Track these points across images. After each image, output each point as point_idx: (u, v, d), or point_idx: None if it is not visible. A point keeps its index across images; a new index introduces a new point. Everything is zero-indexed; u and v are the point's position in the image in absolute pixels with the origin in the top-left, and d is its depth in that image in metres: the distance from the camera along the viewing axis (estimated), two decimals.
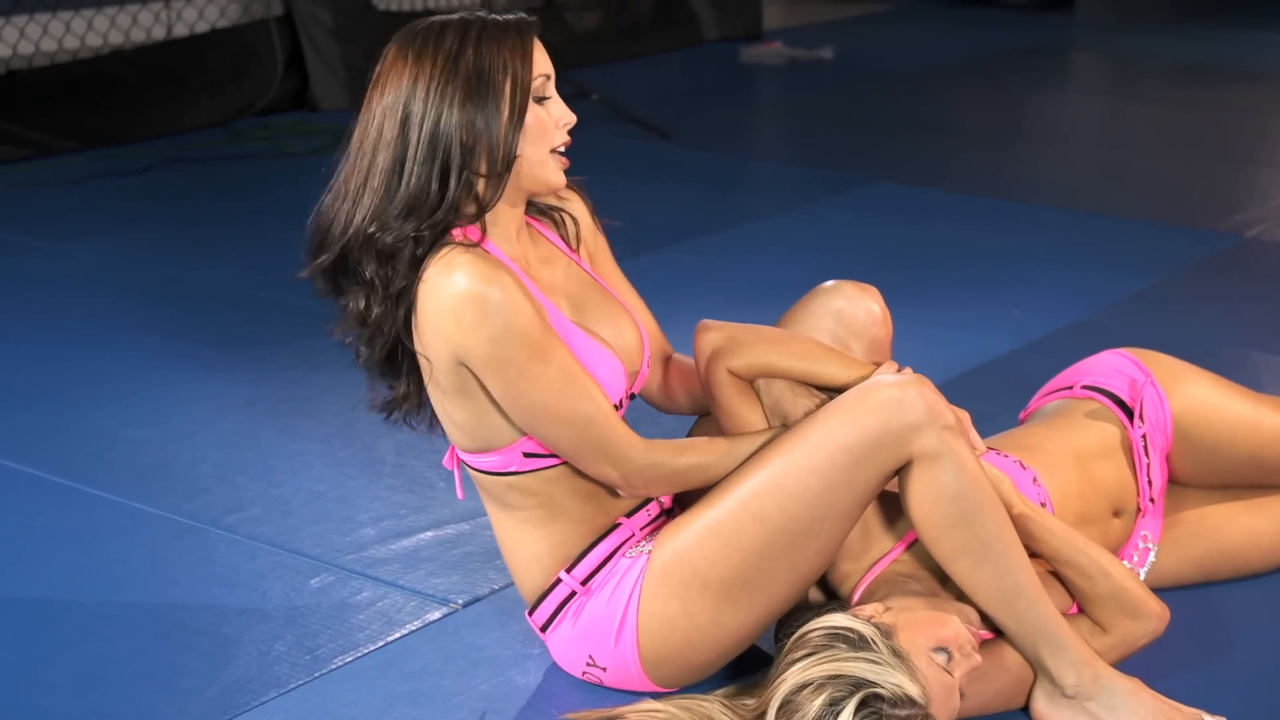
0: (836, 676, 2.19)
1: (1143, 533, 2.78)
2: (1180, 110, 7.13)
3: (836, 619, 2.27)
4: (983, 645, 2.40)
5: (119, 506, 3.16)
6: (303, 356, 3.93)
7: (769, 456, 2.36)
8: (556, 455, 2.38)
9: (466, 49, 2.27)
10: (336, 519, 3.12)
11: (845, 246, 4.95)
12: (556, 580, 2.46)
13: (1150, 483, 2.76)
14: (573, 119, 2.36)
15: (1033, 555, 2.45)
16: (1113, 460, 2.74)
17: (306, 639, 2.68)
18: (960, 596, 2.42)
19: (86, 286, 4.48)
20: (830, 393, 2.43)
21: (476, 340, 2.26)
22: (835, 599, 2.52)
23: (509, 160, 2.29)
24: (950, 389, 2.52)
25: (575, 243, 2.54)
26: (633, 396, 2.53)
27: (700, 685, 2.46)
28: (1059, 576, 2.52)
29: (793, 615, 2.42)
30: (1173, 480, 2.86)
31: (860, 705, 2.17)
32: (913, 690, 2.20)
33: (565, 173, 2.38)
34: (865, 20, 9.45)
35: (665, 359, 2.65)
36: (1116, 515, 2.74)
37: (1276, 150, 6.61)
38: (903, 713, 2.19)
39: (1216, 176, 5.93)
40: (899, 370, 2.41)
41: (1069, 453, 2.71)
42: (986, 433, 2.72)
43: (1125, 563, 2.69)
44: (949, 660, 2.28)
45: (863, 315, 2.52)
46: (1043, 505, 2.59)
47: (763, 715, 2.24)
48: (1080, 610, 2.53)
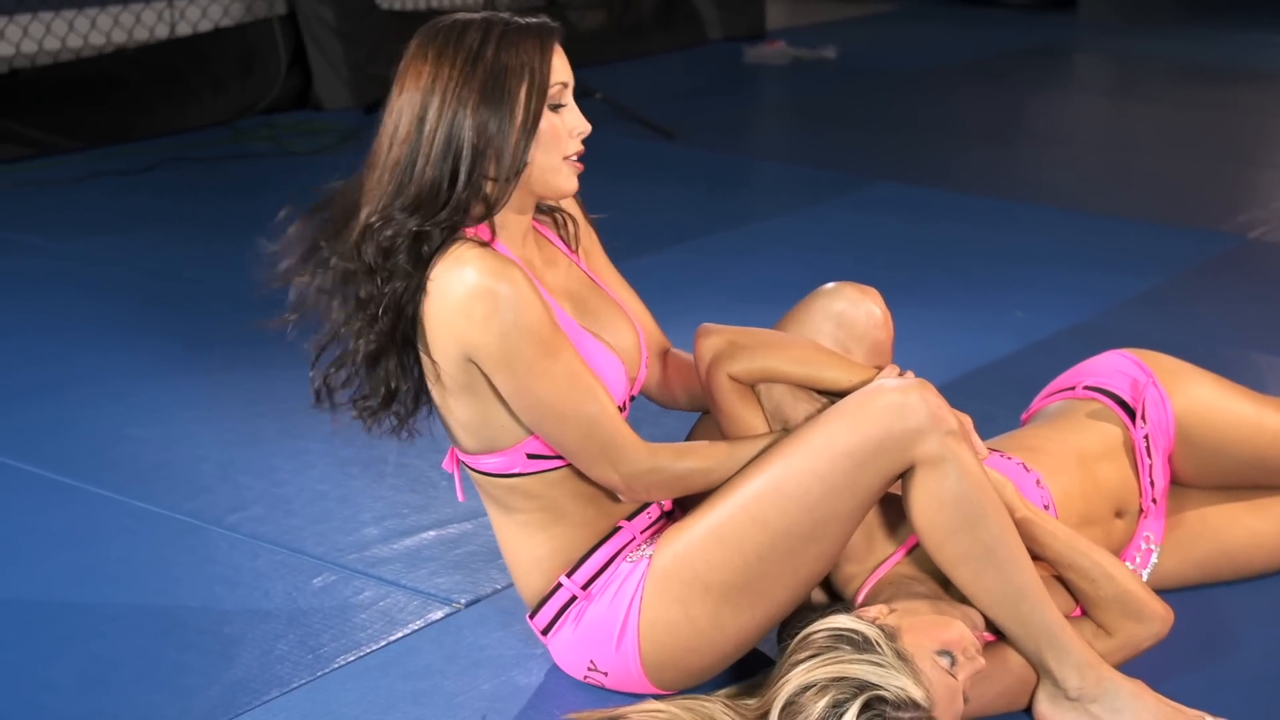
0: (840, 679, 2.19)
1: (1145, 534, 2.78)
2: (1183, 111, 7.12)
3: (841, 620, 2.27)
4: (985, 647, 2.40)
5: (121, 505, 3.16)
6: (305, 356, 3.90)
7: (771, 461, 2.35)
8: (559, 457, 2.38)
9: (486, 51, 2.26)
10: (339, 518, 3.12)
11: (848, 246, 4.95)
12: (557, 584, 2.45)
13: (1153, 483, 2.76)
14: (587, 128, 2.35)
15: (1035, 559, 2.45)
16: (1115, 461, 2.74)
17: (309, 638, 2.68)
18: (964, 599, 2.42)
19: (89, 285, 4.48)
20: (831, 397, 2.42)
21: (487, 335, 2.25)
22: (839, 600, 2.52)
23: (519, 165, 2.29)
24: (952, 390, 2.51)
25: (574, 243, 2.54)
26: (633, 398, 2.53)
27: (702, 687, 2.46)
28: (1062, 580, 2.52)
29: (796, 616, 2.42)
30: (1175, 481, 2.86)
31: (864, 708, 2.17)
32: (917, 693, 2.19)
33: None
34: (868, 20, 9.45)
35: (663, 353, 2.64)
36: (1119, 516, 2.74)
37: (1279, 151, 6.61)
38: (906, 715, 2.18)
39: (1219, 177, 5.93)
40: (900, 374, 2.41)
41: (1071, 454, 2.70)
42: (988, 434, 2.72)
43: (1128, 564, 2.69)
44: (953, 663, 2.28)
45: (864, 318, 2.51)
46: (1046, 507, 2.59)
47: (765, 716, 2.24)
48: (1083, 613, 2.53)
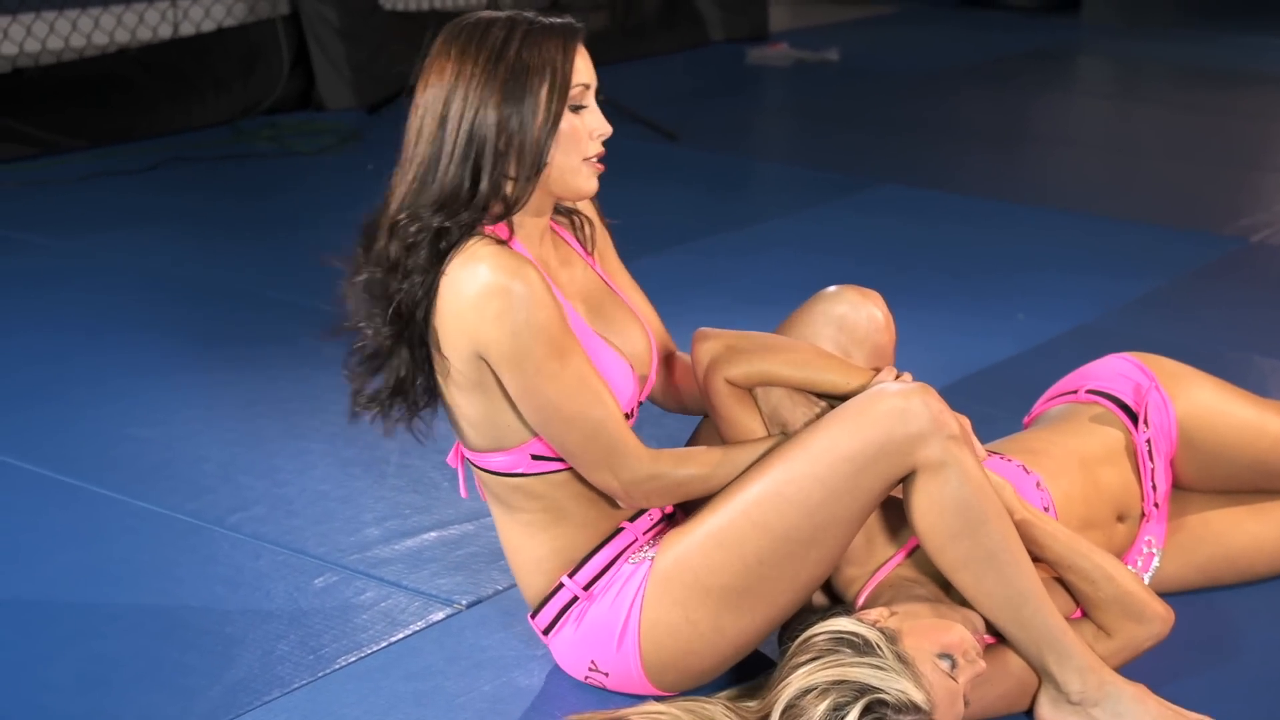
0: (841, 681, 2.19)
1: (1146, 538, 2.78)
2: (1186, 114, 7.12)
3: (841, 623, 2.26)
4: (986, 650, 2.39)
5: (123, 505, 3.16)
6: (307, 356, 3.92)
7: (772, 465, 2.35)
8: (563, 459, 2.38)
9: (509, 49, 2.27)
10: (340, 519, 3.12)
11: (849, 248, 4.94)
12: (559, 585, 2.45)
13: (1154, 487, 2.76)
14: (608, 130, 2.35)
15: (1035, 561, 2.44)
16: (1117, 465, 2.74)
17: (310, 639, 2.68)
18: (964, 602, 2.42)
19: (91, 285, 4.48)
20: (830, 400, 2.42)
21: (499, 332, 2.26)
22: (839, 603, 2.52)
23: (539, 165, 2.29)
24: (953, 393, 2.51)
25: (590, 245, 2.55)
26: (640, 404, 2.53)
27: (703, 689, 2.46)
28: (1062, 582, 2.52)
29: (797, 619, 2.42)
30: (1177, 485, 2.86)
31: (865, 711, 2.17)
32: (917, 696, 2.19)
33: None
34: (871, 22, 9.44)
35: (667, 356, 2.64)
36: (1120, 520, 2.74)
37: None
38: (907, 719, 2.18)
39: (1222, 181, 5.92)
40: (898, 376, 2.41)
41: (1073, 457, 2.70)
42: (990, 437, 2.72)
43: (1129, 567, 2.69)
44: (953, 666, 2.28)
45: (865, 322, 2.50)
46: (1046, 510, 2.59)
47: (766, 718, 2.24)
48: (1084, 615, 2.53)
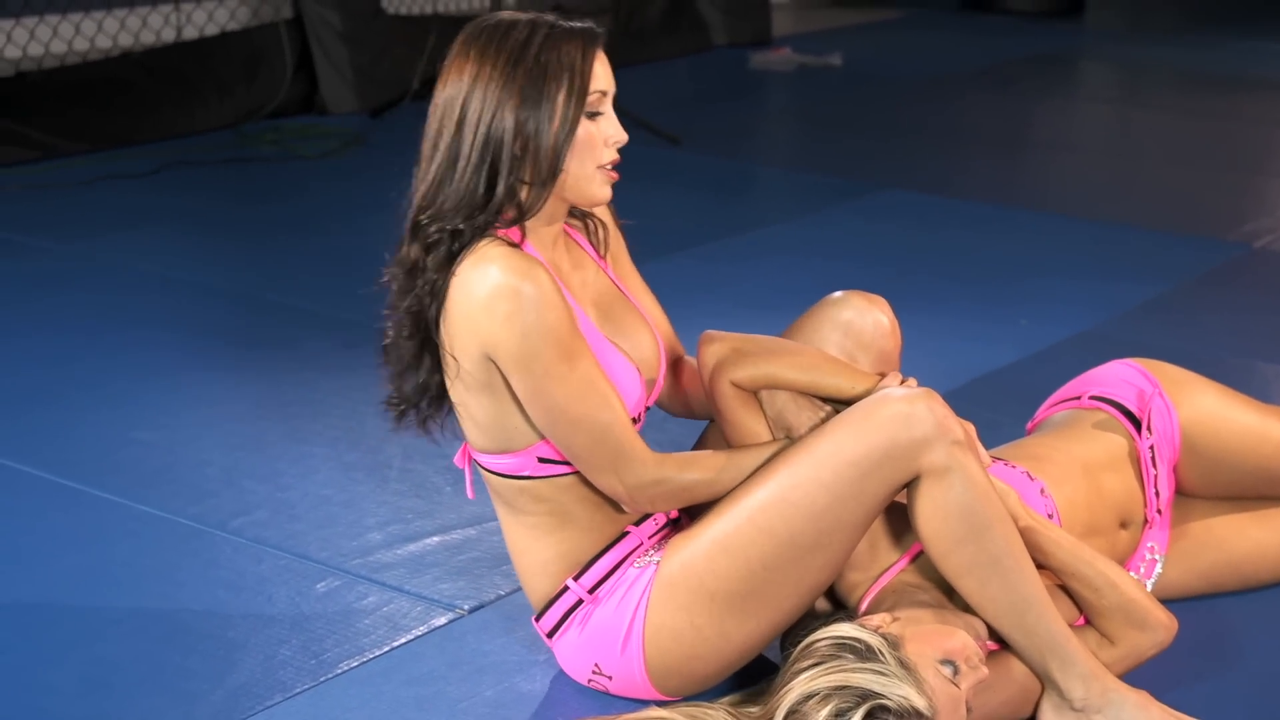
0: (843, 687, 2.18)
1: (1149, 544, 2.78)
2: (1189, 119, 7.12)
3: (844, 629, 2.26)
4: (989, 656, 2.39)
5: (125, 509, 3.16)
6: (310, 360, 3.93)
7: (777, 470, 2.35)
8: (570, 463, 2.38)
9: (528, 54, 2.27)
10: (343, 523, 3.12)
11: (853, 253, 4.94)
12: (564, 587, 2.45)
13: (1157, 494, 2.76)
14: (624, 138, 2.35)
15: (1039, 567, 2.44)
16: (1120, 471, 2.73)
17: (312, 643, 2.68)
18: (968, 608, 2.41)
19: (94, 288, 4.48)
20: (834, 404, 2.42)
21: (508, 334, 2.26)
22: (842, 608, 2.52)
23: (554, 171, 2.30)
24: (956, 398, 2.51)
25: (604, 249, 2.55)
26: (648, 409, 2.52)
27: (706, 694, 2.45)
28: (1065, 589, 2.51)
29: (800, 624, 2.42)
30: (1180, 491, 2.86)
31: (867, 716, 2.16)
32: (919, 702, 2.19)
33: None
34: (874, 27, 9.45)
35: (675, 361, 2.63)
36: (1124, 526, 2.74)
37: None
38: None
39: (1225, 186, 5.93)
40: (903, 381, 2.41)
41: (1077, 463, 2.70)
42: (993, 443, 2.71)
43: (1132, 574, 2.69)
44: (956, 672, 2.27)
45: (871, 327, 2.50)
46: (1050, 516, 2.59)
47: None
48: (1087, 622, 2.53)
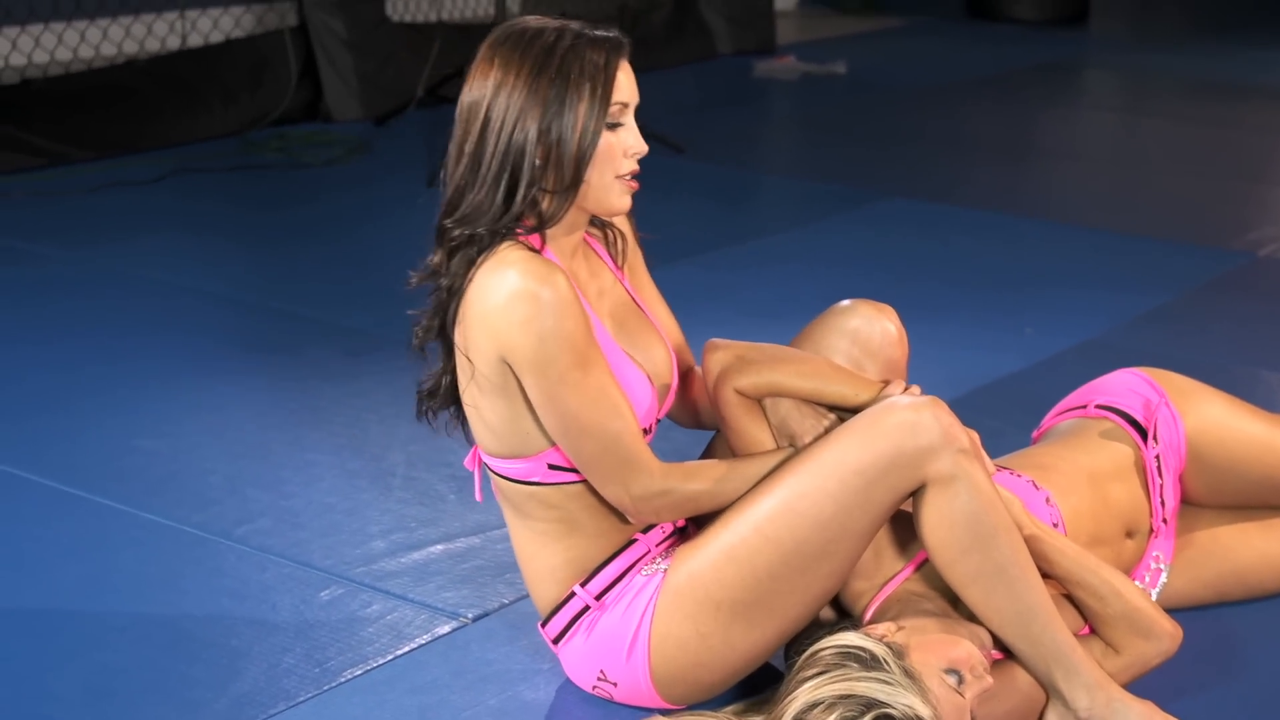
0: (848, 696, 2.18)
1: (1155, 553, 2.77)
2: (1194, 127, 7.11)
3: (848, 638, 2.26)
4: (994, 665, 2.39)
5: (129, 517, 3.16)
6: (314, 368, 3.92)
7: (782, 478, 2.35)
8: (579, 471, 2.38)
9: (552, 62, 2.28)
10: (346, 531, 3.11)
11: (857, 262, 4.94)
12: (571, 593, 2.45)
13: (1163, 503, 2.75)
14: (644, 149, 2.36)
15: (1044, 577, 2.44)
16: (1126, 481, 2.73)
17: (315, 652, 2.68)
18: (972, 617, 2.41)
19: (98, 295, 4.48)
20: (839, 412, 2.42)
21: (525, 337, 2.26)
22: (847, 617, 2.51)
23: (576, 180, 2.30)
24: (961, 407, 2.50)
25: (621, 259, 2.55)
26: (659, 421, 2.52)
27: (711, 702, 2.45)
28: (1070, 598, 2.51)
29: (804, 633, 2.41)
30: (1186, 501, 2.85)
31: None
32: (924, 712, 2.18)
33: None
34: (878, 35, 9.44)
35: (685, 372, 2.63)
36: (1129, 536, 2.73)
37: None
38: None
39: (1230, 194, 5.92)
40: (908, 389, 2.41)
41: (1082, 473, 2.70)
42: (998, 451, 2.71)
43: (1137, 583, 2.68)
44: (960, 682, 2.27)
45: (878, 335, 2.51)
46: (1055, 525, 2.58)
47: None
48: (1092, 631, 2.52)
